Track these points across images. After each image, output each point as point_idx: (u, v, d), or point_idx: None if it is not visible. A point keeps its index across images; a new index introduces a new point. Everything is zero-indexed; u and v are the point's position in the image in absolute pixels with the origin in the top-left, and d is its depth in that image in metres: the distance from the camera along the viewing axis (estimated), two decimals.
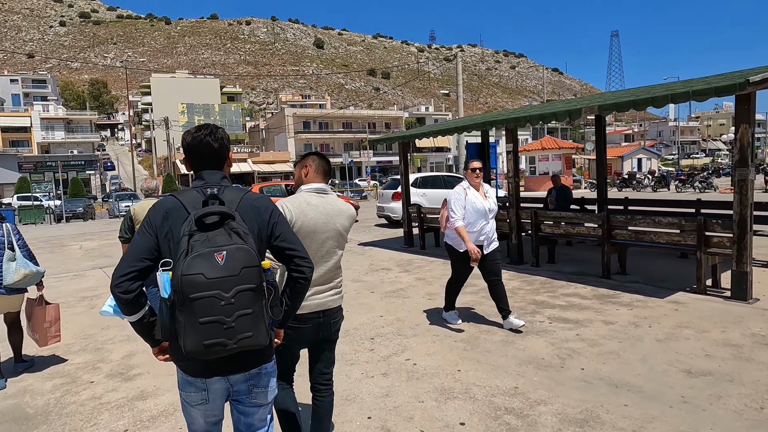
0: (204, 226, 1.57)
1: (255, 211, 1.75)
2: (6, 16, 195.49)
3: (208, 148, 1.81)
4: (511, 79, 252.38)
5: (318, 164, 2.42)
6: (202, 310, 1.49)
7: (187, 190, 1.74)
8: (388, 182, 14.34)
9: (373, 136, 68.29)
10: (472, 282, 6.65)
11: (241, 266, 1.52)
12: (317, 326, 2.36)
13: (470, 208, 4.50)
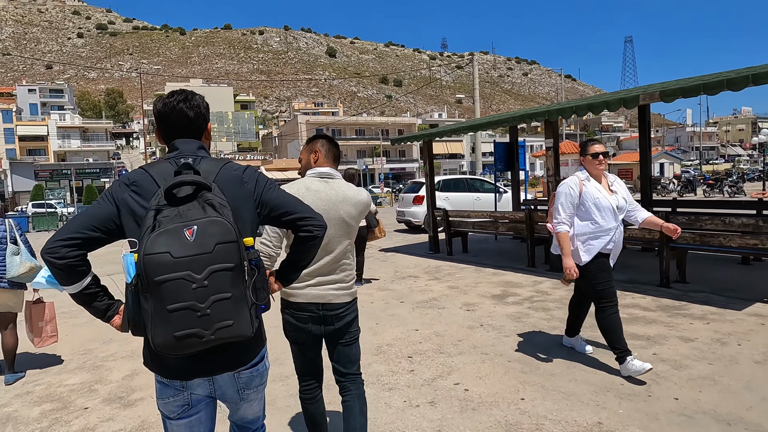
0: (175, 199, 1.36)
1: (237, 182, 1.51)
2: (26, 28, 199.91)
3: (182, 116, 1.57)
4: (524, 86, 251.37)
5: (328, 148, 2.25)
6: (170, 296, 1.26)
7: (158, 162, 1.51)
8: (409, 186, 13.71)
9: (386, 142, 67.95)
10: (513, 291, 5.99)
11: (215, 242, 1.29)
12: (317, 320, 2.17)
13: (590, 205, 3.40)
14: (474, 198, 12.74)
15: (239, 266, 1.32)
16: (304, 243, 1.58)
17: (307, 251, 1.61)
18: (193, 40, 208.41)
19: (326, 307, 2.16)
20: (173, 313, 1.26)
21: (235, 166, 1.55)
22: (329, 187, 2.17)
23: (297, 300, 2.14)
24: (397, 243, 11.09)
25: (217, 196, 1.37)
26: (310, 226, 1.56)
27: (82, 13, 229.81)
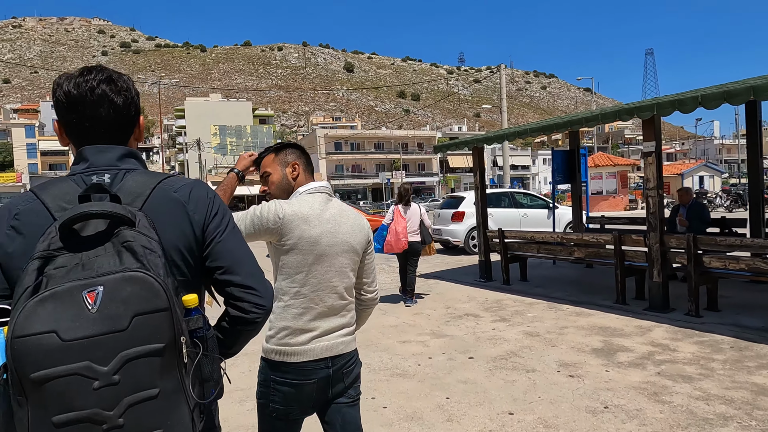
0: (76, 241, 0.89)
1: (177, 210, 1.02)
2: (53, 47, 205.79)
3: (103, 103, 1.03)
4: (542, 100, 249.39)
5: (306, 160, 1.78)
6: (56, 402, 0.80)
7: (58, 180, 1.02)
8: (446, 200, 12.24)
9: (406, 156, 66.77)
10: (619, 343, 4.44)
11: (132, 312, 0.84)
12: (325, 381, 1.63)
13: None
14: (521, 215, 11.21)
15: (172, 345, 0.86)
16: (233, 325, 1.10)
17: (234, 337, 1.11)
18: (214, 57, 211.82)
19: (337, 362, 1.64)
20: (63, 428, 0.80)
21: (177, 185, 1.05)
22: (332, 206, 1.70)
23: (300, 359, 1.58)
24: (437, 267, 9.60)
25: (143, 235, 0.90)
26: (247, 304, 1.07)
27: (107, 32, 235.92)
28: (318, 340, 1.60)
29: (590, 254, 6.20)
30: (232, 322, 1.10)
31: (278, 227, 1.58)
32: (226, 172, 1.91)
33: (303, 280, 1.61)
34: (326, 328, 1.63)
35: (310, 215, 1.61)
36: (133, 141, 1.11)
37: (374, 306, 1.86)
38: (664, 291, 5.42)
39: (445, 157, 73.20)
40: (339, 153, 66.22)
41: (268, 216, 1.57)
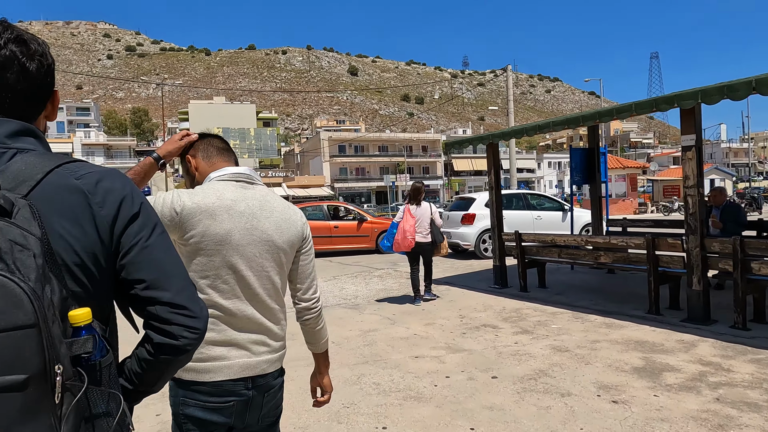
0: None
1: (77, 201, 0.80)
2: (59, 51, 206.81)
3: (12, 67, 0.83)
4: (547, 103, 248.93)
5: (209, 141, 1.54)
6: None
7: None
8: (455, 202, 11.73)
9: (410, 159, 66.34)
10: (662, 361, 3.89)
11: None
12: (243, 405, 1.39)
13: None
14: (534, 217, 10.68)
15: (41, 377, 0.66)
16: (157, 354, 0.86)
17: (159, 369, 0.88)
18: (218, 60, 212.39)
19: (258, 383, 1.40)
20: None
21: (82, 171, 0.83)
22: (252, 197, 1.43)
23: (215, 378, 1.34)
24: (447, 272, 9.08)
25: (16, 228, 0.71)
26: (176, 327, 0.84)
27: (113, 35, 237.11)
28: (236, 356, 1.37)
29: (618, 259, 5.67)
30: (157, 350, 0.86)
31: (175, 223, 1.32)
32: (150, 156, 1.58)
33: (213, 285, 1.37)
34: (245, 341, 1.38)
35: (217, 207, 1.35)
36: (43, 119, 0.91)
37: (315, 318, 1.57)
38: (704, 300, 4.88)
39: (449, 160, 72.76)
40: (343, 156, 65.83)
41: (162, 210, 1.32)
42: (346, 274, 9.36)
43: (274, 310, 1.44)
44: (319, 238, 11.91)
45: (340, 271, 9.85)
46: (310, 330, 1.58)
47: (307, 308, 1.55)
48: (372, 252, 12.22)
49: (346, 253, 12.29)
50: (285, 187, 58.42)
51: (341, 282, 8.59)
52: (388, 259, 11.07)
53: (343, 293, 7.55)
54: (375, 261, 10.94)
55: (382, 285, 8.10)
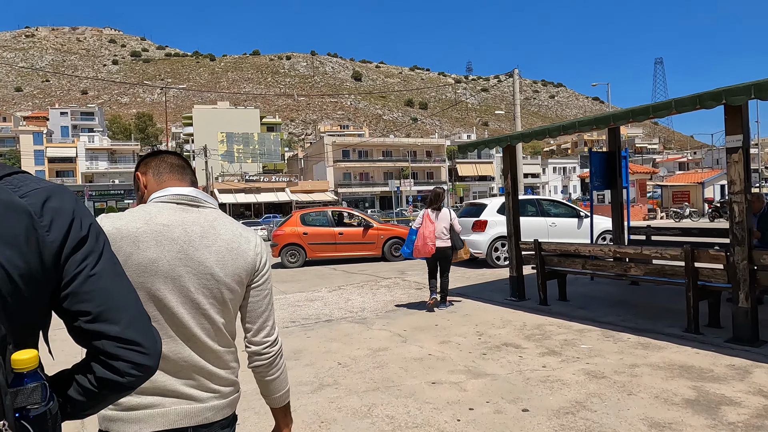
0: None
1: (19, 221, 0.72)
2: (65, 56, 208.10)
3: None
4: (551, 109, 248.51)
5: (163, 158, 1.36)
6: None
7: None
8: (465, 208, 11.27)
9: (414, 164, 65.96)
10: (715, 391, 3.40)
11: None
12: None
13: None
14: (548, 224, 10.20)
15: None
16: (100, 387, 0.80)
17: (96, 400, 0.82)
18: (223, 66, 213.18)
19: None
20: None
21: (27, 187, 0.75)
22: (192, 220, 1.24)
23: (145, 429, 1.14)
24: (458, 281, 8.60)
25: None
26: (124, 364, 0.78)
27: (118, 41, 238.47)
28: (172, 403, 1.17)
29: (651, 272, 5.19)
30: (99, 384, 0.79)
31: None
32: None
33: None
34: (183, 387, 1.19)
35: (143, 233, 1.16)
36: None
37: (267, 366, 1.34)
38: (752, 319, 4.39)
39: (453, 166, 72.34)
40: (347, 161, 65.51)
41: None
42: (352, 284, 8.90)
43: (218, 352, 1.24)
44: (324, 245, 11.45)
45: (345, 280, 9.39)
46: (261, 379, 1.37)
47: (256, 353, 1.33)
48: (378, 260, 11.76)
49: (352, 260, 11.83)
50: (289, 192, 58.06)
51: (347, 292, 8.13)
52: (396, 268, 10.59)
53: (349, 305, 7.09)
54: (382, 269, 10.47)
55: (390, 296, 7.63)
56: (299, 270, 11.01)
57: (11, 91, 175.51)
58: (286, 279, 9.83)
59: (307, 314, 6.66)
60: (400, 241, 11.63)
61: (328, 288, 8.61)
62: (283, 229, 11.48)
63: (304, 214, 11.89)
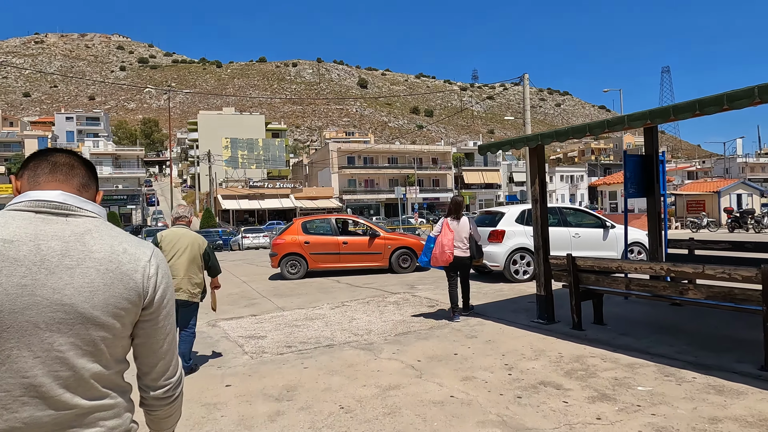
0: None
1: None
2: (73, 62, 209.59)
3: None
4: (557, 117, 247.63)
5: (46, 156, 1.10)
6: None
7: None
8: (479, 216, 10.43)
9: (421, 171, 65.20)
10: None
11: None
12: None
13: None
14: (572, 234, 9.35)
15: None
16: None
17: None
18: (229, 73, 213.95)
19: None
20: None
21: None
22: (54, 233, 0.98)
23: None
24: (475, 298, 7.73)
25: None
26: None
27: (126, 48, 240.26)
28: None
29: (716, 295, 4.34)
30: None
31: None
32: None
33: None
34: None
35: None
36: None
37: (167, 407, 1.14)
38: None
39: (460, 173, 71.51)
40: (352, 167, 64.86)
41: None
42: (357, 300, 8.07)
43: (76, 410, 0.96)
44: (327, 255, 10.64)
45: (349, 295, 8.56)
46: (155, 419, 1.16)
47: (155, 398, 1.10)
48: (384, 271, 10.93)
49: (356, 272, 11.02)
50: (293, 199, 57.39)
51: (351, 310, 7.31)
52: (404, 281, 9.77)
53: (353, 326, 6.26)
54: (389, 282, 9.65)
55: (400, 315, 6.80)
56: (300, 282, 10.20)
57: (19, 96, 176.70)
58: (285, 292, 9.01)
59: (306, 337, 5.84)
60: (408, 252, 10.82)
61: (331, 304, 7.78)
62: (283, 238, 10.68)
63: (306, 222, 11.09)
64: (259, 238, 26.29)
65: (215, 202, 53.73)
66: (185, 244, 4.36)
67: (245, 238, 26.16)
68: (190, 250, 4.36)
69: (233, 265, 14.96)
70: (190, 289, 4.35)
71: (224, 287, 7.59)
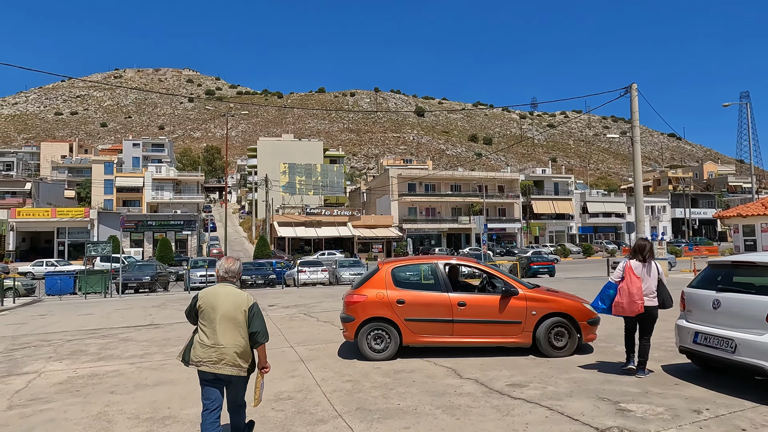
0: None
1: None
2: (147, 95, 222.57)
3: None
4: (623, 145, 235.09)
5: None
6: None
7: None
8: (708, 270, 5.99)
9: (488, 200, 60.56)
10: None
11: None
12: None
13: None
14: None
15: None
16: None
17: None
18: (289, 103, 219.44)
19: None
20: None
21: None
22: None
23: None
24: None
25: None
26: None
27: (195, 81, 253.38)
28: None
29: None
30: None
31: None
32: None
33: None
34: None
35: None
36: None
37: None
38: None
39: (528, 202, 66.09)
40: (412, 195, 61.22)
41: None
42: None
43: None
44: (432, 323, 6.69)
45: (498, 417, 4.50)
46: None
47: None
48: (523, 351, 6.81)
49: (476, 351, 6.94)
50: (350, 227, 54.25)
51: None
52: (584, 380, 5.57)
53: None
54: (559, 385, 5.52)
55: None
56: (389, 369, 6.22)
57: (97, 126, 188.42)
58: (373, 401, 5.00)
59: None
60: (565, 322, 6.67)
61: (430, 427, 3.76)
62: (363, 293, 6.83)
63: (398, 269, 7.16)
64: (317, 273, 22.74)
65: (271, 229, 51.42)
66: (227, 305, 3.68)
67: (302, 272, 22.66)
68: (233, 313, 3.68)
69: (285, 319, 11.20)
70: (236, 362, 3.65)
71: (271, 371, 5.14)
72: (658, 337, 6.72)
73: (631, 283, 5.50)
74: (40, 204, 55.75)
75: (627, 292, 5.50)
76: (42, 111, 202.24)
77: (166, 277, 23.75)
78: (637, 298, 5.45)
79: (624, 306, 5.52)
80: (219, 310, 3.65)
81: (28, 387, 6.05)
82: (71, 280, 20.81)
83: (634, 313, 5.50)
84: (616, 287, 5.65)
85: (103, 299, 18.26)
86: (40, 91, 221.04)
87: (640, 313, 5.50)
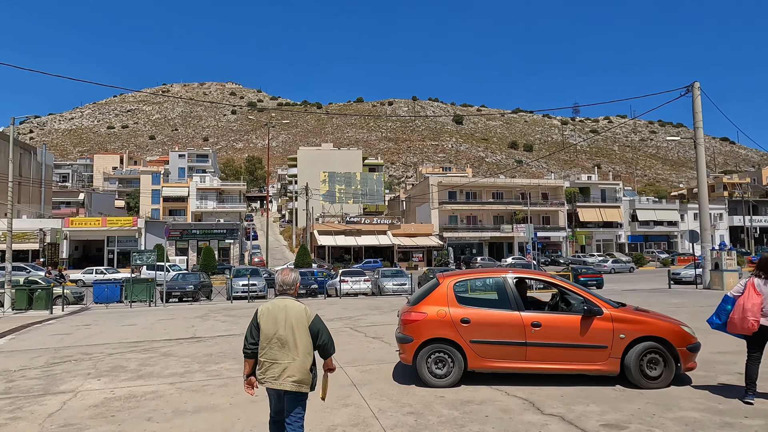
0: None
1: None
2: (192, 108, 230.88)
3: None
4: (671, 150, 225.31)
5: None
6: None
7: None
8: None
9: (533, 207, 58.77)
10: None
11: None
12: None
13: None
14: None
15: None
16: None
17: None
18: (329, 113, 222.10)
19: None
20: None
21: None
22: None
23: None
24: None
25: None
26: None
27: (237, 93, 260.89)
28: None
29: None
30: None
31: None
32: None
33: None
34: None
35: None
36: None
37: None
38: None
39: (574, 210, 63.67)
40: (453, 202, 60.06)
41: None
42: None
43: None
44: (502, 346, 5.85)
45: None
46: None
47: None
48: (608, 381, 5.87)
49: (551, 379, 6.06)
50: (390, 236, 53.62)
51: None
52: (679, 416, 4.62)
53: None
54: (637, 415, 4.60)
55: None
56: (454, 399, 5.43)
57: (146, 139, 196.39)
58: None
59: None
60: (659, 347, 5.70)
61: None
62: (422, 310, 6.07)
63: (461, 283, 6.37)
64: (360, 283, 22.12)
65: (311, 238, 51.41)
66: (290, 320, 3.63)
67: (344, 282, 22.09)
68: (297, 327, 3.63)
69: (331, 333, 10.59)
70: (298, 377, 3.58)
71: (323, 401, 4.39)
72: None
73: (747, 299, 5.14)
74: (92, 213, 57.94)
75: (741, 307, 5.15)
76: (95, 125, 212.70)
77: (209, 286, 23.69)
78: (750, 315, 5.07)
79: (736, 322, 5.20)
80: (282, 324, 3.61)
81: (61, 410, 5.60)
82: (117, 289, 21.01)
83: (745, 330, 5.14)
84: (733, 302, 5.28)
85: (147, 308, 18.23)
86: (94, 107, 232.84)
87: (754, 331, 5.11)
